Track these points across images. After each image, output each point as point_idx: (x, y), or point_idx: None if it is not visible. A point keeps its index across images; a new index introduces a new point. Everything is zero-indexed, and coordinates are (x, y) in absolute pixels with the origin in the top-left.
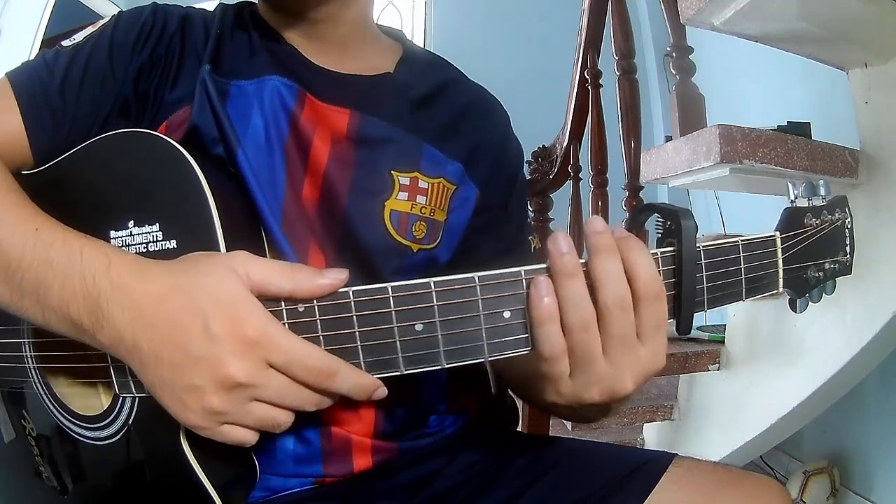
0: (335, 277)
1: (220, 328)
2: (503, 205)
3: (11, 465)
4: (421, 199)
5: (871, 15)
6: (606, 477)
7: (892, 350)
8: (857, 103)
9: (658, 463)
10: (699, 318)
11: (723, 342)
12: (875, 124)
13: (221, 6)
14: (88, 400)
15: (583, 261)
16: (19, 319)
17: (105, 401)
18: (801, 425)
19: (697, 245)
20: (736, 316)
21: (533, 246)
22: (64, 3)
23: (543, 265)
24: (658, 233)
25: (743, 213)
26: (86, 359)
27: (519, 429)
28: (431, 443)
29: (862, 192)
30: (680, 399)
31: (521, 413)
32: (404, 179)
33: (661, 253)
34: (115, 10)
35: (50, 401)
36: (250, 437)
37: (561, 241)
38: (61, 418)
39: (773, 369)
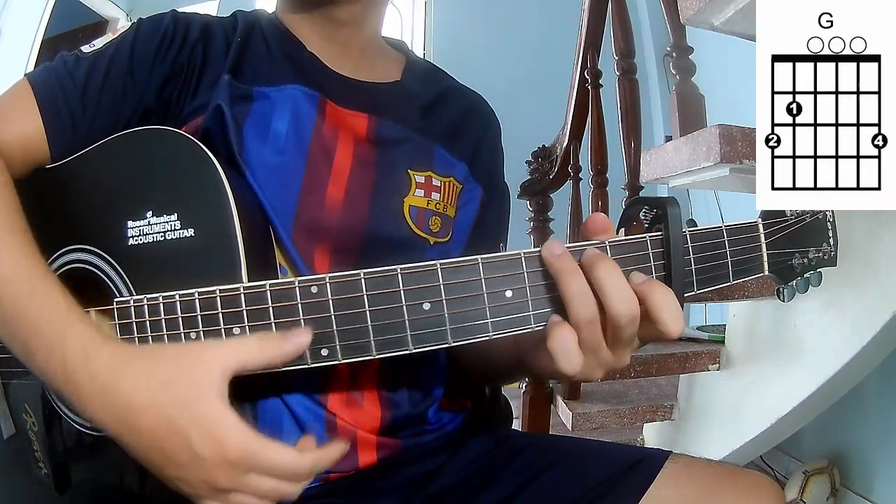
0: (298, 341)
1: (202, 449)
2: (489, 204)
3: (7, 464)
4: (435, 196)
5: None
6: (604, 474)
7: (892, 350)
8: None
9: (655, 460)
10: (699, 318)
11: (723, 342)
12: None
13: (240, 13)
14: None
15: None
16: None
17: None
18: (801, 425)
19: (683, 229)
20: (736, 316)
21: None
22: (64, 3)
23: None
24: (646, 224)
25: (743, 213)
26: None
27: (517, 428)
28: (432, 440)
29: None
30: (680, 399)
31: (516, 413)
32: (420, 178)
33: (650, 237)
34: (116, 11)
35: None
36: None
37: (554, 246)
38: (66, 409)
39: (773, 369)
